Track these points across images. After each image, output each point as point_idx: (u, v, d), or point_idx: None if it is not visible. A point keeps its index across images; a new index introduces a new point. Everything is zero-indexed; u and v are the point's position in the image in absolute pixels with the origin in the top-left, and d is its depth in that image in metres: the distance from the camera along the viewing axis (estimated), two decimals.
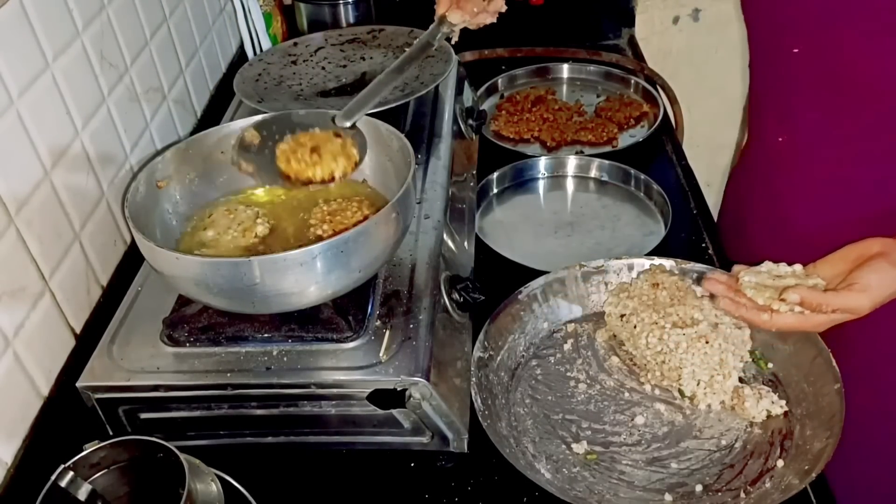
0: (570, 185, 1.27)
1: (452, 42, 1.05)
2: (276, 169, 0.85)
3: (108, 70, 0.98)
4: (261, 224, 0.87)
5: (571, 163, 1.28)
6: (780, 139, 1.02)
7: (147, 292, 0.89)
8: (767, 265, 0.85)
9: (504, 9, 1.05)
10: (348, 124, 0.87)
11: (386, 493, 0.80)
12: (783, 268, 0.84)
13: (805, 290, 0.78)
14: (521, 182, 1.27)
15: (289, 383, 0.78)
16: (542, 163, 1.28)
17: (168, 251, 0.75)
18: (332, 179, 0.83)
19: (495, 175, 1.26)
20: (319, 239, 0.82)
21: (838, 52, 0.87)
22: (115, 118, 0.99)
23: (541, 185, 1.28)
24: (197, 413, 0.81)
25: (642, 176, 1.22)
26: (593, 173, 1.27)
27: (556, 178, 1.28)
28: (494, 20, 1.05)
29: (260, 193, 0.94)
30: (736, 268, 0.85)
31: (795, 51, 0.91)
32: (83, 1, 0.92)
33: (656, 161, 1.29)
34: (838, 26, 0.85)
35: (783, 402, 0.84)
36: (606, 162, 1.26)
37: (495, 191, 1.26)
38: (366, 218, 0.84)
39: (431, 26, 1.01)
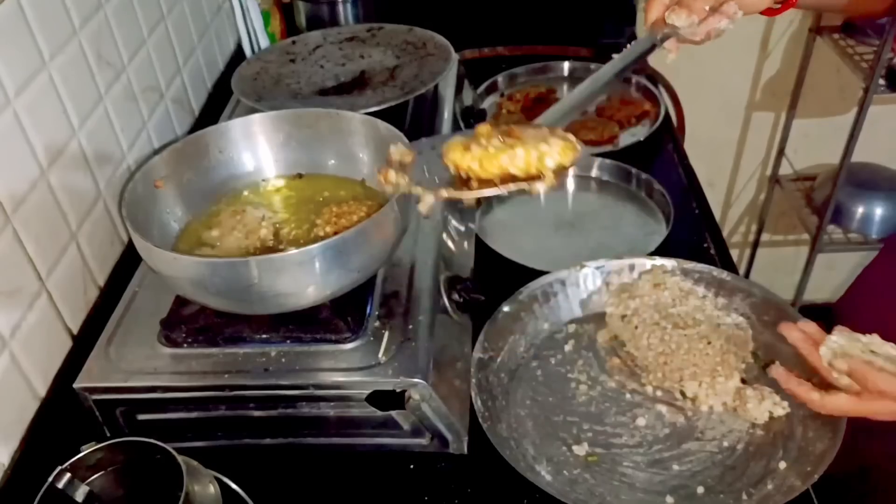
0: (570, 184, 1.27)
1: (669, 60, 0.81)
2: (444, 174, 0.62)
3: (106, 69, 0.97)
4: (265, 226, 0.86)
5: None
6: None
7: (144, 293, 0.88)
8: (872, 338, 0.74)
9: (739, 14, 0.80)
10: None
11: (385, 495, 0.80)
12: (888, 347, 0.73)
13: (859, 363, 0.68)
14: None
15: (287, 384, 0.78)
16: None
17: (165, 251, 0.75)
18: (540, 176, 0.57)
19: None
20: (321, 240, 0.81)
21: None
22: (112, 117, 0.98)
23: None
24: (195, 414, 0.80)
25: (643, 175, 1.21)
26: (594, 173, 1.26)
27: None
28: (731, 27, 0.80)
29: (265, 193, 0.94)
30: (838, 328, 0.75)
31: None
32: None
33: (657, 160, 1.28)
34: None
35: (785, 404, 0.83)
36: (608, 161, 1.25)
37: None
38: (363, 218, 0.83)
39: (646, 35, 0.79)
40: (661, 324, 0.88)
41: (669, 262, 0.97)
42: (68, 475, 0.65)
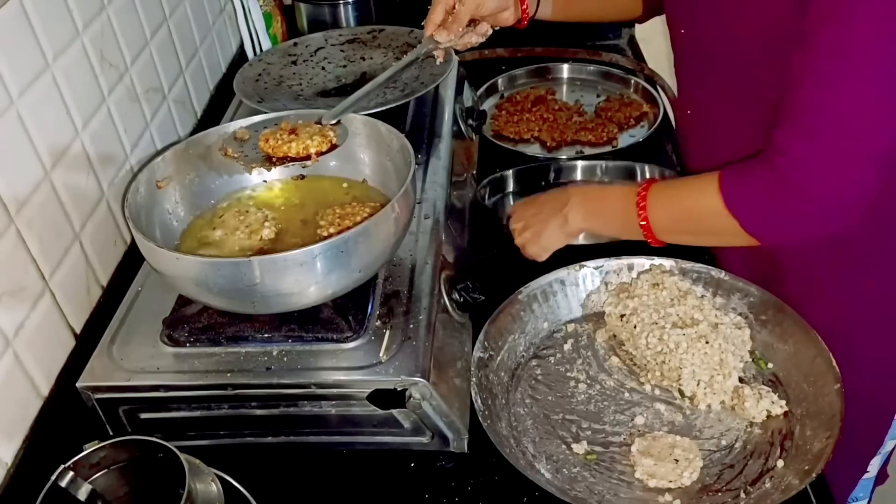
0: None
1: (438, 61, 1.11)
2: (259, 153, 0.90)
3: (109, 70, 0.98)
4: (268, 227, 0.87)
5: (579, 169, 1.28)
6: (689, 112, 1.10)
7: (147, 292, 0.89)
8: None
9: (490, 31, 1.11)
10: (332, 122, 0.91)
11: (386, 493, 0.80)
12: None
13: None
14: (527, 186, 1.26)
15: (289, 383, 0.78)
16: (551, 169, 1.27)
17: (168, 251, 0.75)
18: (308, 157, 0.87)
19: (510, 173, 1.26)
20: (322, 240, 0.82)
21: (694, 25, 0.97)
22: (115, 118, 0.99)
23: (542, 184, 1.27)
24: (197, 413, 0.81)
25: (646, 167, 1.22)
26: (597, 175, 1.27)
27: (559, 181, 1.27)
28: (483, 40, 1.11)
29: (268, 194, 0.94)
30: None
31: (682, 32, 1.01)
32: (83, 1, 0.92)
33: (656, 161, 1.29)
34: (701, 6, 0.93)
35: (783, 403, 0.84)
36: (611, 164, 1.25)
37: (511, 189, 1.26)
38: (366, 218, 0.84)
39: (419, 45, 1.07)
40: (659, 323, 0.88)
41: (668, 262, 0.98)
42: (71, 473, 0.65)
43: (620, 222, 0.95)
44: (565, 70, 1.56)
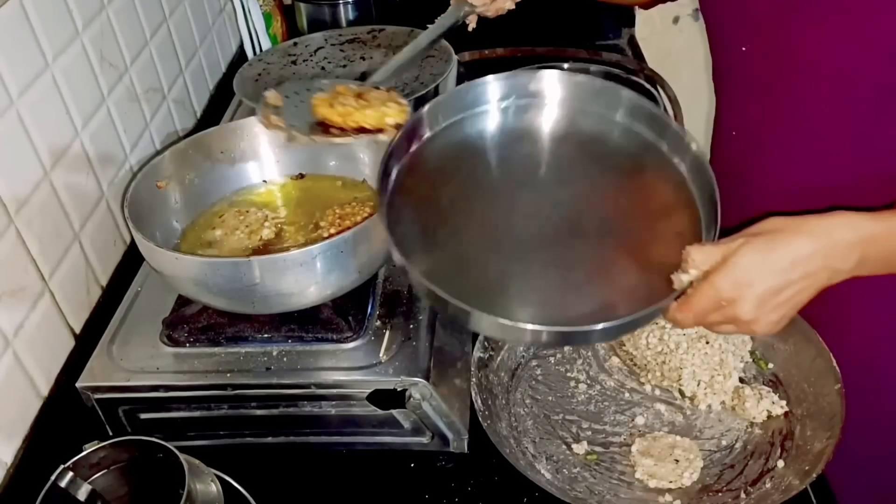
0: None
1: (470, 28, 0.99)
2: (310, 120, 0.76)
3: (108, 70, 0.98)
4: (268, 227, 0.87)
5: None
6: (734, 133, 1.01)
7: (147, 292, 0.89)
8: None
9: None
10: (383, 85, 0.82)
11: (386, 494, 0.80)
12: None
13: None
14: None
15: (289, 384, 0.78)
16: None
17: (168, 251, 0.76)
18: (382, 130, 0.74)
19: None
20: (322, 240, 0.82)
21: (782, 45, 0.84)
22: (114, 118, 0.99)
23: None
24: (197, 413, 0.81)
25: None
26: None
27: None
28: (513, 6, 1.02)
29: (268, 194, 0.94)
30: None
31: (743, 49, 0.90)
32: (83, 1, 0.92)
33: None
34: (785, 20, 0.82)
35: (783, 403, 0.83)
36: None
37: None
38: (366, 218, 0.84)
39: (450, 9, 0.97)
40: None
41: None
42: (71, 474, 0.65)
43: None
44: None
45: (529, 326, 0.63)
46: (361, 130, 0.73)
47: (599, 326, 0.64)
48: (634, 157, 0.79)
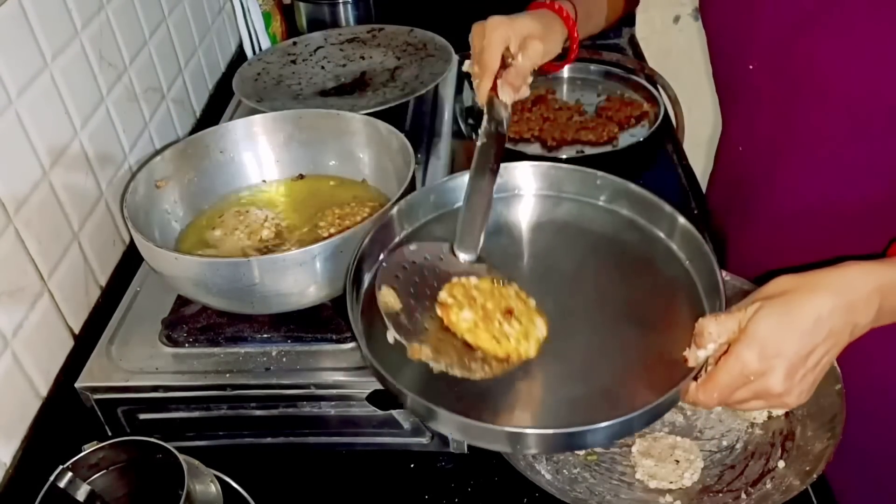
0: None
1: (505, 125, 0.82)
2: (430, 325, 0.65)
3: (107, 70, 0.98)
4: (268, 227, 0.86)
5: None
6: (741, 148, 0.99)
7: (146, 292, 0.88)
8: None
9: (531, 79, 0.86)
10: (473, 257, 0.73)
11: (386, 494, 0.80)
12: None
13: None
14: None
15: (288, 384, 0.78)
16: None
17: (167, 251, 0.75)
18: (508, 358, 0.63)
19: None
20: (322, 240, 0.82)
21: (794, 65, 0.82)
22: (113, 118, 0.99)
23: None
24: (196, 414, 0.81)
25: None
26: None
27: None
28: (528, 94, 0.86)
29: (267, 194, 0.94)
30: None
31: (751, 67, 0.88)
32: (82, 0, 0.92)
33: (657, 161, 1.29)
34: (798, 41, 0.81)
35: None
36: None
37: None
38: (366, 218, 0.83)
39: (486, 119, 0.81)
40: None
41: None
42: (70, 474, 0.65)
43: None
44: (565, 69, 1.55)
45: (550, 431, 0.61)
46: (507, 360, 0.61)
47: (616, 423, 0.60)
48: (618, 239, 0.79)
